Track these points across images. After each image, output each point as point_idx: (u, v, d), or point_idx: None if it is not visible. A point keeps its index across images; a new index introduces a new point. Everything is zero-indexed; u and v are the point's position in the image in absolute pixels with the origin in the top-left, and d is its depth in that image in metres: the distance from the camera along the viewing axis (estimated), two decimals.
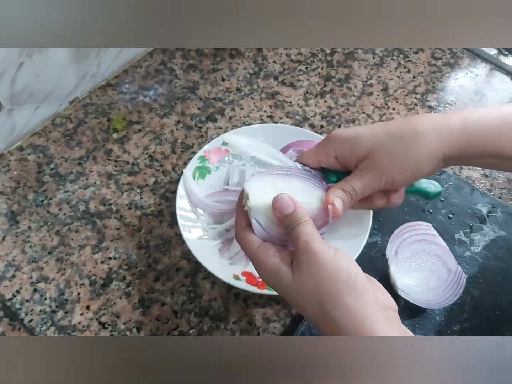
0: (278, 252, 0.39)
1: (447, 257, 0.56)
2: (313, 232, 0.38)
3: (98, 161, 0.69)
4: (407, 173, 0.42)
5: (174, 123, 0.73)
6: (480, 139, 0.41)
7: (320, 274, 0.36)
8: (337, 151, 0.44)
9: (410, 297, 0.54)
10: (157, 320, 0.56)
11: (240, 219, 0.42)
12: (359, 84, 0.79)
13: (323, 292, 0.35)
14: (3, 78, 0.61)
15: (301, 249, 0.37)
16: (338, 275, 0.36)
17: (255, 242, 0.40)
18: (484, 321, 0.55)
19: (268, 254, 0.39)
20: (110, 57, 0.75)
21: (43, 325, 0.55)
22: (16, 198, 0.65)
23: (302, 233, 0.38)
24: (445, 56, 0.83)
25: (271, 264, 0.38)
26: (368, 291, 0.36)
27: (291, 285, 0.37)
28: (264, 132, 0.65)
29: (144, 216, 0.64)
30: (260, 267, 0.39)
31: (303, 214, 0.39)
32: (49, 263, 0.59)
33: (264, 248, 0.39)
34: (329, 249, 0.37)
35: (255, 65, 0.80)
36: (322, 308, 0.35)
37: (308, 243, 0.37)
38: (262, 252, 0.39)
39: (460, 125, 0.42)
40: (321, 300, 0.35)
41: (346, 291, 0.35)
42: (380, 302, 0.36)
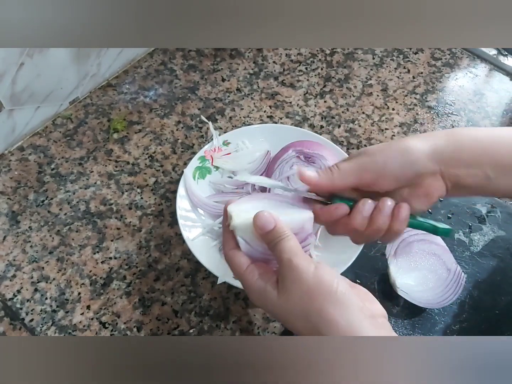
0: (264, 273, 0.40)
1: (446, 257, 0.56)
2: (295, 247, 0.38)
3: (98, 161, 0.69)
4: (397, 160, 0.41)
5: (174, 123, 0.73)
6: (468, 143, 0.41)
7: (303, 289, 0.36)
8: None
9: (410, 296, 0.54)
10: (157, 319, 0.56)
11: (226, 239, 0.42)
12: (358, 85, 0.79)
13: (307, 306, 0.36)
14: (4, 78, 0.61)
15: (284, 265, 0.38)
16: (320, 288, 0.36)
17: (243, 264, 0.40)
18: (484, 321, 0.55)
19: (254, 277, 0.39)
20: (110, 58, 0.75)
21: (43, 325, 0.55)
22: (17, 198, 0.65)
23: (284, 249, 0.38)
24: (444, 57, 0.83)
25: (258, 286, 0.39)
26: (351, 300, 0.36)
27: (278, 303, 0.38)
28: (264, 132, 0.65)
29: (144, 216, 0.64)
30: (248, 289, 0.40)
31: (284, 230, 0.39)
32: (50, 263, 0.60)
33: (251, 270, 0.40)
34: (310, 264, 0.37)
35: (255, 65, 0.81)
36: (308, 321, 0.36)
37: (291, 260, 0.37)
38: (249, 274, 0.40)
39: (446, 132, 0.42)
40: (307, 313, 0.36)
41: (329, 302, 0.35)
42: (366, 310, 0.36)
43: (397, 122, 0.74)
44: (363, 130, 0.73)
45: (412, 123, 0.74)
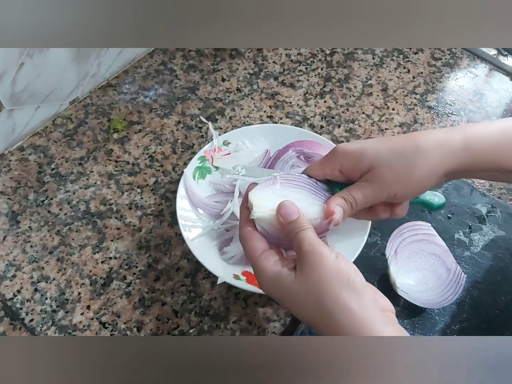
0: (280, 260, 0.40)
1: (446, 257, 0.56)
2: (316, 237, 0.39)
3: (98, 161, 0.69)
4: (408, 189, 0.43)
5: (174, 123, 0.73)
6: (481, 154, 0.42)
7: (321, 273, 0.37)
8: (342, 164, 0.45)
9: (410, 296, 0.54)
10: (157, 319, 0.56)
11: (244, 218, 0.43)
12: (358, 85, 0.79)
13: (323, 290, 0.36)
14: (4, 78, 0.61)
15: (306, 250, 0.38)
16: (338, 275, 0.37)
17: (258, 249, 0.41)
18: (484, 321, 0.55)
19: (270, 262, 0.40)
20: (110, 58, 0.75)
21: (43, 325, 0.55)
22: (17, 198, 0.65)
23: (305, 238, 0.39)
24: (444, 57, 0.83)
25: (272, 271, 0.39)
26: (367, 291, 0.37)
27: (293, 286, 0.38)
28: (264, 132, 0.65)
29: (144, 216, 0.64)
30: (260, 274, 0.40)
31: (305, 221, 0.40)
32: (50, 263, 0.60)
33: (266, 256, 0.40)
34: (331, 252, 0.38)
35: (255, 65, 0.81)
36: (321, 306, 0.36)
37: (313, 246, 0.38)
38: (264, 260, 0.40)
39: (461, 142, 0.42)
40: (321, 298, 0.36)
41: (346, 289, 0.36)
42: (378, 303, 0.37)
43: (397, 122, 0.74)
44: (363, 130, 0.73)
45: (412, 123, 0.74)
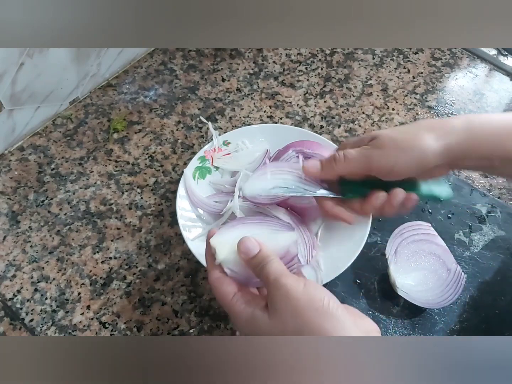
0: (251, 299, 0.39)
1: (446, 257, 0.56)
2: (282, 268, 0.38)
3: (98, 161, 0.69)
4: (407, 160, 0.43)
5: (174, 123, 0.73)
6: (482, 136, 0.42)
7: (293, 306, 0.35)
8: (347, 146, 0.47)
9: (410, 296, 0.54)
10: (157, 319, 0.56)
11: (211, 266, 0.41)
12: (358, 85, 0.79)
13: (301, 323, 0.35)
14: (4, 78, 0.61)
15: (271, 286, 0.37)
16: (311, 304, 0.35)
17: (229, 293, 0.39)
18: (484, 321, 0.55)
19: (242, 305, 0.38)
20: (110, 58, 0.75)
21: (43, 325, 0.55)
22: (17, 198, 0.65)
23: (270, 271, 0.37)
24: (444, 57, 0.83)
25: (245, 314, 0.38)
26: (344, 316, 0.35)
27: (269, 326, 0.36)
28: (264, 132, 0.65)
29: (144, 216, 0.64)
30: (235, 318, 0.39)
31: (269, 253, 0.39)
32: (50, 263, 0.60)
33: (238, 298, 0.39)
34: (298, 281, 0.37)
35: (255, 65, 0.81)
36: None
37: (278, 279, 0.37)
38: (236, 303, 0.39)
39: (463, 123, 0.43)
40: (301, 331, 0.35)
41: (323, 318, 0.34)
42: (359, 326, 0.36)
43: (397, 122, 0.74)
44: (363, 130, 0.73)
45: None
